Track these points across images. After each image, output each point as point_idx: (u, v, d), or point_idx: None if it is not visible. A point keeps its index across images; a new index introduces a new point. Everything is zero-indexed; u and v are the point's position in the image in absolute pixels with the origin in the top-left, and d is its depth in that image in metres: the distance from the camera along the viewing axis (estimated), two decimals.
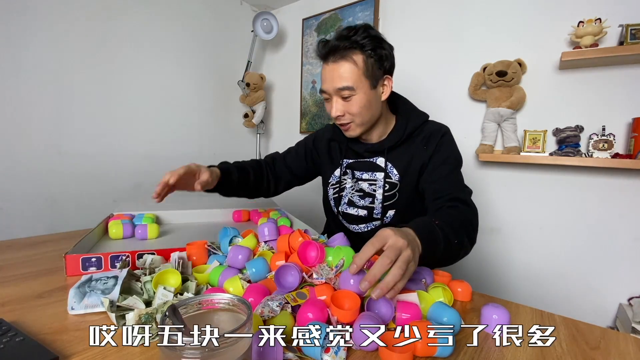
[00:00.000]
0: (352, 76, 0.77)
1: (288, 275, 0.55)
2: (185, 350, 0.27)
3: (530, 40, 1.41)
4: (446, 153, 0.85)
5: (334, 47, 0.77)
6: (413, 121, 0.88)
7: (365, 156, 0.92)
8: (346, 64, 0.77)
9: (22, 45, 1.39)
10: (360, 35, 0.77)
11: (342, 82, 0.77)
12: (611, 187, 1.28)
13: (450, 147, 0.87)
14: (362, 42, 0.77)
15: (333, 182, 0.99)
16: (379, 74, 0.80)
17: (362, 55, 0.77)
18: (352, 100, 0.79)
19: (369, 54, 0.78)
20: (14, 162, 1.39)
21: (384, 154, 0.89)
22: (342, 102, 0.81)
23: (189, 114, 2.07)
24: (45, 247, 0.85)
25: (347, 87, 0.77)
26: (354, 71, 0.77)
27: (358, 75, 0.77)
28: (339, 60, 0.77)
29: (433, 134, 0.87)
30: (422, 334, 0.41)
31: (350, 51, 0.77)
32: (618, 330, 1.15)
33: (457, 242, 0.64)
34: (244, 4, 2.36)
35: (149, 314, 0.44)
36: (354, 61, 0.77)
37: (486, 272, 1.57)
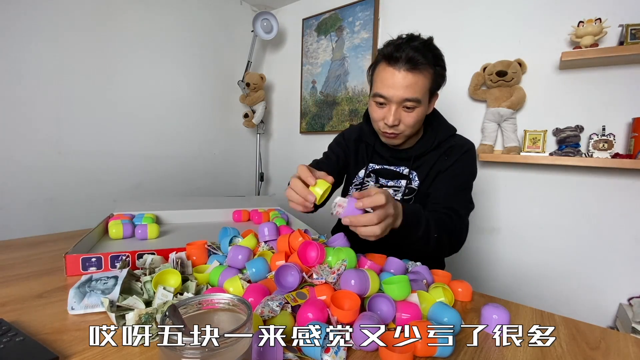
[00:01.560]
0: (423, 89, 0.78)
1: (288, 275, 0.55)
2: (185, 350, 0.27)
3: (530, 40, 1.41)
4: (462, 168, 0.87)
5: (414, 58, 0.75)
6: (442, 134, 0.90)
7: (391, 163, 0.94)
8: (421, 76, 0.77)
9: (22, 46, 1.40)
10: (434, 52, 0.79)
11: (413, 93, 0.77)
12: (611, 187, 1.28)
13: (468, 164, 0.89)
14: (436, 59, 0.79)
15: (356, 183, 1.00)
16: (435, 90, 0.84)
17: (433, 71, 0.79)
18: (413, 112, 0.80)
19: (437, 71, 0.80)
20: (14, 162, 1.39)
21: (409, 162, 0.91)
22: (401, 111, 0.80)
23: (189, 114, 2.07)
24: (45, 247, 0.85)
25: (416, 99, 0.78)
26: (425, 85, 0.78)
27: (426, 89, 0.79)
28: (413, 70, 0.76)
29: (456, 147, 0.89)
30: (422, 334, 0.41)
31: (427, 66, 0.77)
32: (618, 330, 1.15)
33: (437, 236, 0.71)
34: (244, 4, 2.36)
35: (149, 314, 0.44)
36: (428, 75, 0.78)
37: (486, 272, 1.57)
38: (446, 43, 1.69)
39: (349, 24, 2.00)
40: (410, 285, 0.53)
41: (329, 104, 2.14)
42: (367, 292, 0.51)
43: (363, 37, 1.93)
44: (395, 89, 0.77)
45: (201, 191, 2.15)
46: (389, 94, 0.78)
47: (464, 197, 0.86)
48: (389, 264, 0.66)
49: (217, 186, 2.26)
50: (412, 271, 0.66)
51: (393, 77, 0.77)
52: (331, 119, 2.13)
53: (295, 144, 2.36)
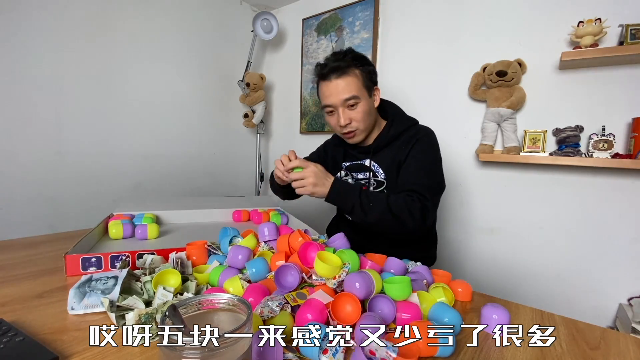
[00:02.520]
0: (356, 86, 0.92)
1: (288, 275, 0.55)
2: (185, 350, 0.27)
3: (530, 40, 1.41)
4: (421, 152, 0.94)
5: (336, 66, 0.91)
6: (397, 125, 1.00)
7: (358, 158, 1.06)
8: (349, 77, 0.91)
9: (23, 46, 1.39)
10: (351, 56, 0.94)
11: (349, 92, 0.91)
12: (611, 187, 1.28)
13: (427, 147, 0.96)
14: (356, 60, 0.93)
15: None
16: (370, 85, 0.96)
17: (358, 70, 0.93)
18: (358, 108, 0.93)
19: (362, 69, 0.93)
20: (14, 162, 1.39)
21: (369, 154, 1.02)
22: (347, 111, 0.94)
23: (189, 114, 2.07)
24: (45, 247, 0.85)
25: (354, 96, 0.91)
26: (356, 83, 0.92)
27: (360, 86, 0.92)
28: (342, 76, 0.91)
29: (412, 135, 0.97)
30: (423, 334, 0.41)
31: (350, 68, 0.92)
32: (618, 330, 1.15)
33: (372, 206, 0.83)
34: (244, 4, 2.36)
35: (148, 314, 0.44)
36: (355, 74, 0.92)
37: (486, 272, 1.57)
38: (446, 43, 1.70)
39: (349, 24, 2.00)
40: (411, 286, 0.53)
41: None
42: (371, 295, 0.51)
43: (363, 37, 1.93)
44: (334, 95, 0.92)
45: (201, 191, 2.15)
46: (331, 101, 0.93)
47: (427, 178, 0.91)
48: (389, 264, 0.66)
49: (217, 186, 2.26)
50: (412, 271, 0.66)
51: (329, 88, 0.93)
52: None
53: (295, 144, 2.36)
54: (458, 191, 1.64)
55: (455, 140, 1.62)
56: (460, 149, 1.61)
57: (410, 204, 0.84)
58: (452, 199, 1.65)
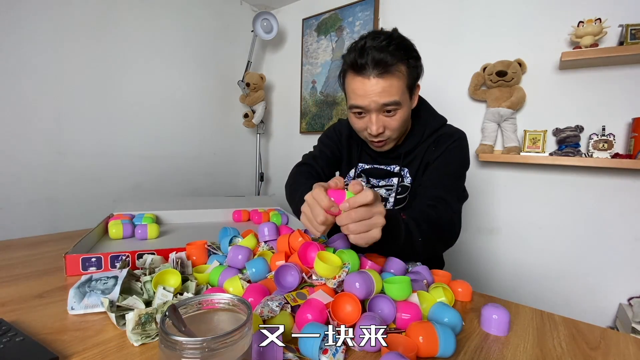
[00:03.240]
0: (399, 90, 0.72)
1: (288, 275, 0.55)
2: (185, 350, 0.27)
3: (530, 40, 1.41)
4: (451, 158, 0.83)
5: (380, 60, 0.69)
6: (431, 126, 0.86)
7: (380, 162, 0.90)
8: (394, 78, 0.71)
9: (23, 46, 1.39)
10: (400, 45, 0.71)
11: (390, 97, 0.72)
12: (611, 187, 1.28)
13: (457, 153, 0.83)
14: (402, 52, 0.72)
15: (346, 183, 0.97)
16: (414, 85, 0.77)
17: (405, 66, 0.72)
18: (396, 115, 0.75)
19: (409, 64, 0.73)
20: (14, 162, 1.39)
21: (399, 160, 0.86)
22: (382, 117, 0.76)
23: (189, 114, 2.07)
24: (45, 247, 0.85)
25: (395, 102, 0.72)
26: (401, 85, 0.72)
27: (403, 89, 0.73)
28: (384, 74, 0.70)
29: (444, 136, 0.84)
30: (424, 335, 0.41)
31: (397, 65, 0.70)
32: (618, 330, 1.15)
33: (421, 240, 0.64)
34: (244, 4, 2.36)
35: (148, 314, 0.44)
36: (401, 73, 0.72)
37: (486, 272, 1.57)
38: (446, 43, 1.70)
39: (349, 24, 2.00)
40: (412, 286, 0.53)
41: (329, 104, 2.14)
42: (372, 295, 0.51)
43: None
44: (370, 97, 0.72)
45: (201, 191, 2.15)
46: (364, 103, 0.73)
47: (453, 185, 0.80)
48: (389, 264, 0.66)
49: (217, 186, 2.26)
50: (412, 271, 0.66)
51: (364, 86, 0.72)
52: (331, 119, 2.13)
53: (295, 144, 2.36)
54: None
55: None
56: None
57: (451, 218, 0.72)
58: None
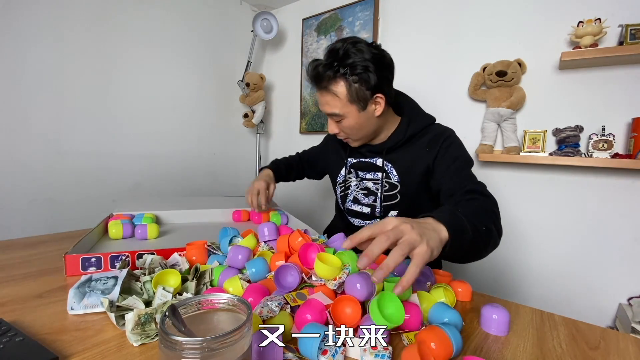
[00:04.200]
0: (337, 105, 0.81)
1: (288, 276, 0.55)
2: (185, 350, 0.27)
3: (530, 40, 1.41)
4: (455, 153, 0.85)
5: (318, 76, 0.80)
6: (415, 124, 0.89)
7: (367, 156, 0.96)
8: (329, 95, 0.81)
9: (22, 45, 1.39)
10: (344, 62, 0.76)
11: (330, 108, 0.83)
12: (611, 187, 1.28)
13: (458, 148, 0.86)
14: (344, 70, 0.76)
15: (340, 182, 1.05)
16: (367, 95, 0.80)
17: (345, 83, 0.78)
18: (343, 123, 0.85)
19: (352, 80, 0.77)
20: (13, 162, 1.39)
21: (382, 154, 0.92)
22: (334, 122, 0.87)
23: (189, 114, 2.07)
24: (45, 247, 0.85)
25: (334, 113, 0.83)
26: (337, 100, 0.80)
27: (343, 103, 0.80)
28: (323, 90, 0.82)
29: (436, 136, 0.87)
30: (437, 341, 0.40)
31: (333, 82, 0.78)
32: (618, 330, 1.15)
33: (485, 229, 0.59)
34: (244, 4, 2.36)
35: (148, 314, 0.44)
36: (335, 93, 0.79)
37: (486, 272, 1.57)
38: (446, 43, 1.70)
39: (349, 24, 2.00)
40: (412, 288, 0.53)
41: None
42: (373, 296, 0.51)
43: (363, 37, 1.93)
44: (321, 105, 0.86)
45: (201, 191, 2.15)
46: (321, 108, 0.87)
47: (472, 175, 0.81)
48: None
49: (217, 186, 2.26)
50: None
51: (318, 95, 0.85)
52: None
53: (295, 144, 2.36)
54: None
55: None
56: None
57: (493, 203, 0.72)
58: None
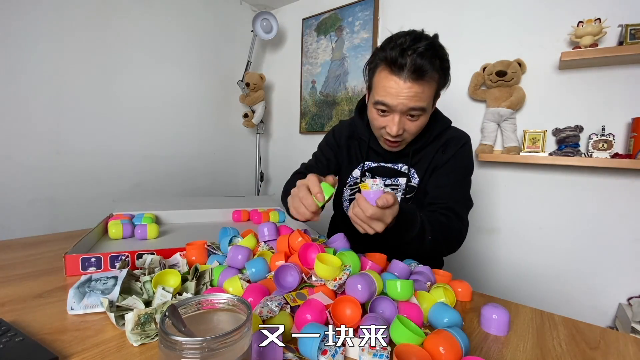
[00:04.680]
0: (428, 97, 0.74)
1: (288, 276, 0.55)
2: (185, 350, 0.27)
3: (530, 40, 1.41)
4: (460, 162, 0.85)
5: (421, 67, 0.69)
6: (438, 127, 0.87)
7: (387, 160, 0.90)
8: (426, 85, 0.72)
9: (22, 45, 1.39)
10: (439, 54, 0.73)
11: (418, 102, 0.72)
12: (611, 187, 1.28)
13: (466, 158, 0.87)
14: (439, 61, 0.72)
15: (351, 183, 0.96)
16: (439, 94, 0.80)
17: (438, 76, 0.74)
18: (418, 120, 0.76)
19: (441, 74, 0.74)
20: (13, 162, 1.39)
21: (407, 158, 0.87)
22: (405, 119, 0.76)
23: (189, 114, 2.07)
24: (45, 247, 0.85)
25: (422, 108, 0.73)
26: (430, 93, 0.74)
27: (431, 97, 0.75)
28: (419, 80, 0.70)
29: (452, 140, 0.86)
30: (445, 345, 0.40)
31: (432, 74, 0.71)
32: (618, 330, 1.15)
33: (432, 238, 0.71)
34: (244, 4, 2.36)
35: (148, 314, 0.44)
36: (433, 82, 0.73)
37: (486, 272, 1.57)
38: (446, 43, 1.68)
39: (349, 24, 2.00)
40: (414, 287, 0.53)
41: (329, 104, 2.14)
42: (374, 297, 0.51)
43: (363, 37, 1.93)
44: (400, 98, 0.72)
45: (201, 191, 2.15)
46: (393, 103, 0.72)
47: (462, 195, 0.84)
48: (392, 267, 0.65)
49: (217, 186, 2.26)
50: (415, 271, 0.66)
51: (397, 86, 0.71)
52: (331, 119, 2.13)
53: (295, 144, 2.36)
54: None
55: None
56: None
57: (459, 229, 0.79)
58: None
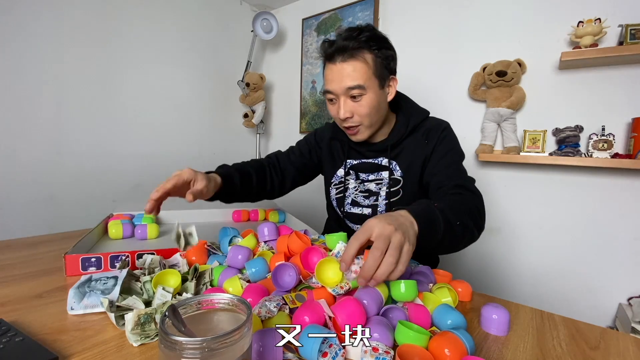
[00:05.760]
0: (364, 75, 0.76)
1: (285, 275, 0.55)
2: (185, 350, 0.27)
3: (530, 40, 1.41)
4: (448, 146, 0.85)
5: (343, 46, 0.76)
6: (414, 118, 0.88)
7: (368, 156, 0.92)
8: (357, 62, 0.76)
9: (23, 46, 1.39)
10: (367, 35, 0.76)
11: (353, 80, 0.76)
12: (611, 187, 1.28)
13: (452, 141, 0.87)
14: (370, 42, 0.76)
15: (336, 182, 0.99)
16: (385, 74, 0.80)
17: (371, 54, 0.77)
18: (362, 101, 0.78)
19: (376, 53, 0.77)
20: (14, 162, 1.39)
21: (386, 152, 0.89)
22: (350, 102, 0.79)
23: (189, 114, 2.07)
24: (45, 247, 0.85)
25: (359, 85, 0.76)
26: (365, 70, 0.76)
27: (369, 75, 0.77)
28: (348, 59, 0.76)
29: (433, 128, 0.87)
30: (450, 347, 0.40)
31: (360, 50, 0.76)
32: (618, 330, 1.15)
33: (460, 223, 0.61)
34: (244, 4, 2.36)
35: (148, 314, 0.44)
36: (365, 60, 0.76)
37: (486, 272, 1.57)
38: (446, 43, 1.70)
39: (349, 24, 2.00)
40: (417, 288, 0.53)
41: None
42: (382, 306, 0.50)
43: None
44: (336, 81, 0.77)
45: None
46: (332, 87, 0.79)
47: (462, 172, 0.82)
48: None
49: None
50: (416, 272, 0.66)
51: (332, 71, 0.78)
52: (331, 119, 2.13)
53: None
54: None
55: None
56: None
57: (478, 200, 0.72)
58: None
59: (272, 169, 0.98)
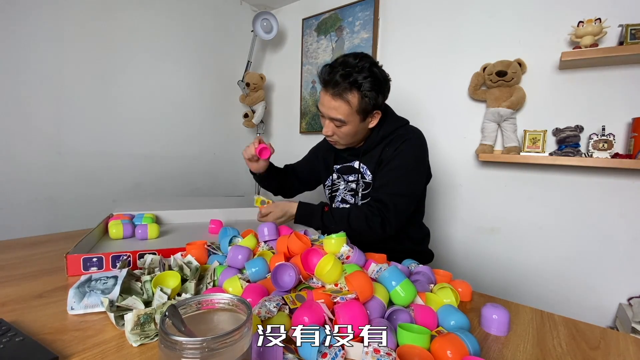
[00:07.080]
0: (345, 112, 0.87)
1: (285, 275, 0.56)
2: (185, 350, 0.27)
3: (530, 40, 1.41)
4: (399, 158, 0.92)
5: (336, 82, 0.84)
6: (387, 126, 0.97)
7: (349, 160, 1.05)
8: (342, 104, 0.86)
9: (23, 46, 1.39)
10: (363, 75, 0.84)
11: (336, 114, 0.88)
12: (611, 187, 1.28)
13: (406, 154, 0.93)
14: (363, 82, 0.84)
15: (329, 185, 1.13)
16: (369, 110, 0.90)
17: (359, 95, 0.86)
18: (342, 128, 0.91)
19: (365, 94, 0.85)
20: (13, 162, 1.39)
21: (359, 157, 1.01)
22: (332, 125, 0.92)
23: (189, 114, 2.07)
24: (45, 247, 0.85)
25: (340, 119, 0.88)
26: (348, 110, 0.87)
27: (350, 112, 0.87)
28: (336, 97, 0.86)
29: (397, 138, 0.95)
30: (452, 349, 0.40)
31: (351, 91, 0.85)
32: (618, 330, 1.15)
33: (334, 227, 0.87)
34: (244, 4, 2.36)
35: (147, 314, 0.44)
36: (349, 102, 0.86)
37: (486, 272, 1.57)
38: (446, 43, 1.70)
39: (349, 24, 2.00)
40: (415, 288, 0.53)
41: None
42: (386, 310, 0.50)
43: (363, 37, 1.93)
44: (325, 108, 0.90)
45: (201, 191, 2.15)
46: (321, 109, 0.92)
47: (397, 188, 0.90)
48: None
49: (217, 186, 2.26)
50: (415, 271, 0.66)
51: (323, 98, 0.90)
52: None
53: (295, 144, 2.36)
54: (458, 191, 1.64)
55: (455, 140, 1.62)
56: (460, 149, 1.61)
57: (370, 219, 0.87)
58: (452, 199, 1.65)
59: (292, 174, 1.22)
